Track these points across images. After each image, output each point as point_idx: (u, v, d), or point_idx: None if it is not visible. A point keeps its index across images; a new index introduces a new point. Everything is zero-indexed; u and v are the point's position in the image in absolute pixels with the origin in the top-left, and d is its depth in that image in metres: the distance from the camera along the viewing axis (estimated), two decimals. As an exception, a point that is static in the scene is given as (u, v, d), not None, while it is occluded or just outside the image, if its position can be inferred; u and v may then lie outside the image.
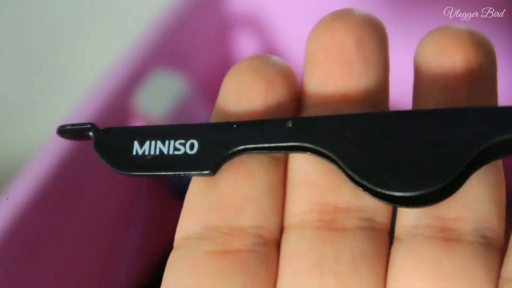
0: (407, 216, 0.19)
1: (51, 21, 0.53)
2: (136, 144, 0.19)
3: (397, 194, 0.18)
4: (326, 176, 0.19)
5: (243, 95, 0.19)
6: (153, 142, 0.19)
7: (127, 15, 0.52)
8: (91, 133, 0.19)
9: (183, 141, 0.19)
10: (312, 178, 0.19)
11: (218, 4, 0.46)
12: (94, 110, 0.39)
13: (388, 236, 0.19)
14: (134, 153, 0.19)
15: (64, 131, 0.19)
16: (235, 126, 0.19)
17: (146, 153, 0.19)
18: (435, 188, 0.18)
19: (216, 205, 0.18)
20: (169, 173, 0.19)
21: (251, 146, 0.19)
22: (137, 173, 0.19)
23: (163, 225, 0.42)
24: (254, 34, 0.48)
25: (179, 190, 0.40)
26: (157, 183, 0.45)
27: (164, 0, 0.45)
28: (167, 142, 0.19)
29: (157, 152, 0.19)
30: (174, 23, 0.44)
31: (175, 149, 0.19)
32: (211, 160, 0.19)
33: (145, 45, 0.42)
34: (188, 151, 0.19)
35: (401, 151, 0.18)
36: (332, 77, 0.19)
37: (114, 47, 0.45)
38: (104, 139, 0.19)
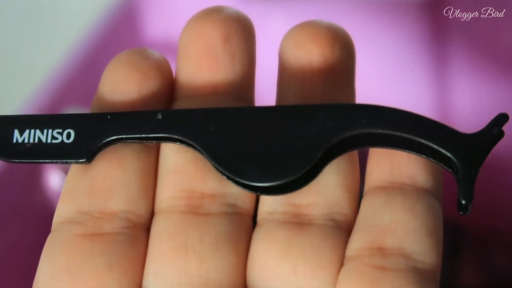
0: (266, 203, 0.20)
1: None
2: (16, 132, 0.20)
3: (254, 184, 0.19)
4: (194, 164, 0.20)
5: (118, 86, 0.20)
6: (32, 131, 0.20)
7: (41, 47, 0.53)
8: None
9: (60, 130, 0.20)
10: (181, 166, 0.20)
11: (134, 31, 0.47)
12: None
13: (251, 220, 0.20)
14: (14, 140, 0.20)
15: None
16: (109, 117, 0.20)
17: (26, 141, 0.20)
18: (290, 179, 0.19)
19: (88, 191, 0.20)
20: (47, 160, 0.20)
21: (124, 136, 0.20)
22: (17, 160, 0.20)
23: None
24: (171, 60, 0.49)
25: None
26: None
27: (75, 31, 0.46)
28: (45, 131, 0.20)
29: (36, 141, 0.20)
30: (89, 56, 0.44)
31: (53, 137, 0.20)
32: (86, 148, 0.20)
33: (57, 80, 0.43)
34: (65, 140, 0.20)
35: (259, 144, 0.19)
36: (201, 71, 0.20)
37: (27, 84, 0.45)
38: None
